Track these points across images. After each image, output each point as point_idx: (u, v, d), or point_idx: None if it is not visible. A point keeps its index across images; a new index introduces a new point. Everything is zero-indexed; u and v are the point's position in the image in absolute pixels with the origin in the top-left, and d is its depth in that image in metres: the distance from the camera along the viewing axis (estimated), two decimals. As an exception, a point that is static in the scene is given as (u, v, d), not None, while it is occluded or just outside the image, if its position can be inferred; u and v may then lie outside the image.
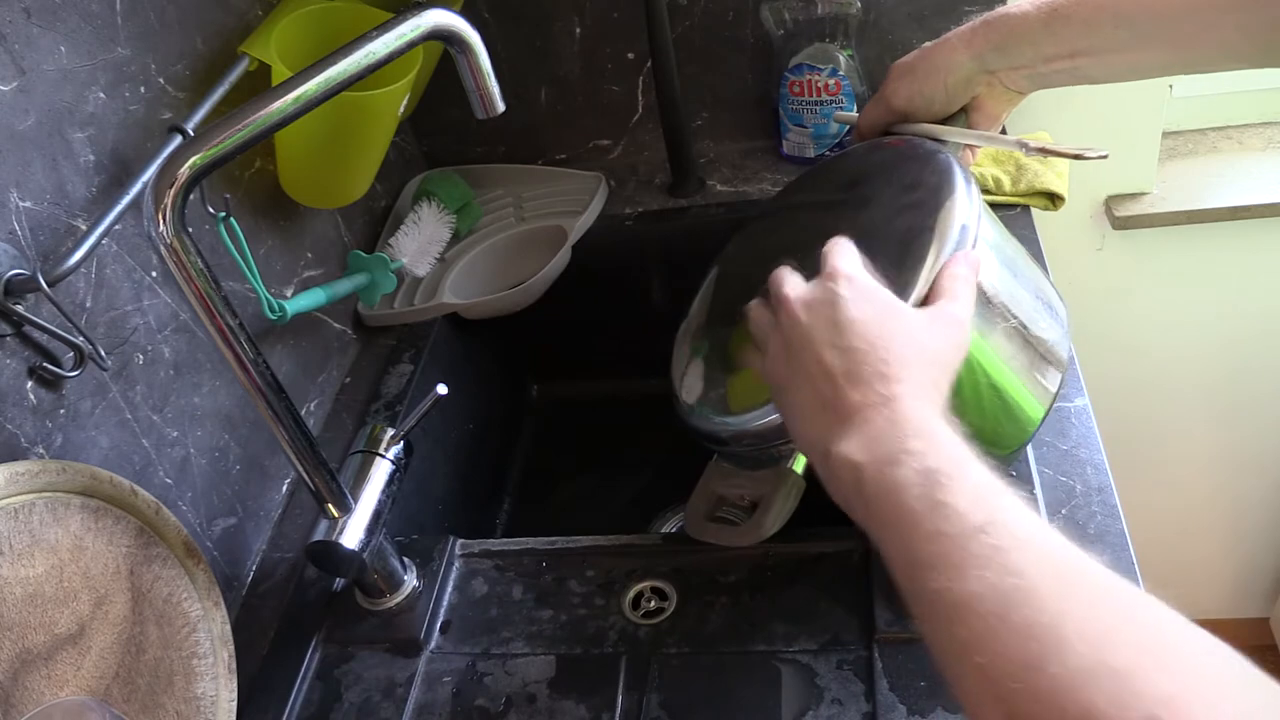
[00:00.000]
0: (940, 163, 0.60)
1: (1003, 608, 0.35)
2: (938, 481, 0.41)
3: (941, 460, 0.42)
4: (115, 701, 0.57)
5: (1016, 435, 0.60)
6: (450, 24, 0.56)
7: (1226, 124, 1.18)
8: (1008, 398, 0.58)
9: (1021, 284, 0.60)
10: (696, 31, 1.03)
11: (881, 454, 0.43)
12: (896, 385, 0.46)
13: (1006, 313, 0.58)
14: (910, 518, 0.41)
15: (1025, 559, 0.37)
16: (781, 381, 0.51)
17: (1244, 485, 1.46)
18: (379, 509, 0.67)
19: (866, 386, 0.46)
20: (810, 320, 0.50)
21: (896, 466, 0.42)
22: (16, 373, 0.59)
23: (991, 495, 0.40)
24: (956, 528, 0.39)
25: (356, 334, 0.98)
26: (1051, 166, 0.94)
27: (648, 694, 0.63)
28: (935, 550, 0.39)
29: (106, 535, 0.59)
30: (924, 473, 0.41)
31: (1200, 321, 1.26)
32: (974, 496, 0.40)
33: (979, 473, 0.42)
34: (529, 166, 1.12)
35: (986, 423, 0.59)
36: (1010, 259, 0.61)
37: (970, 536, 0.38)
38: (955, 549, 0.38)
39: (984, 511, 0.39)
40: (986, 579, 0.36)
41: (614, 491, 1.05)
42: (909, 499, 0.41)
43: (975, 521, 0.38)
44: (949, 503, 0.40)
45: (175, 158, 0.49)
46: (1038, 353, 0.59)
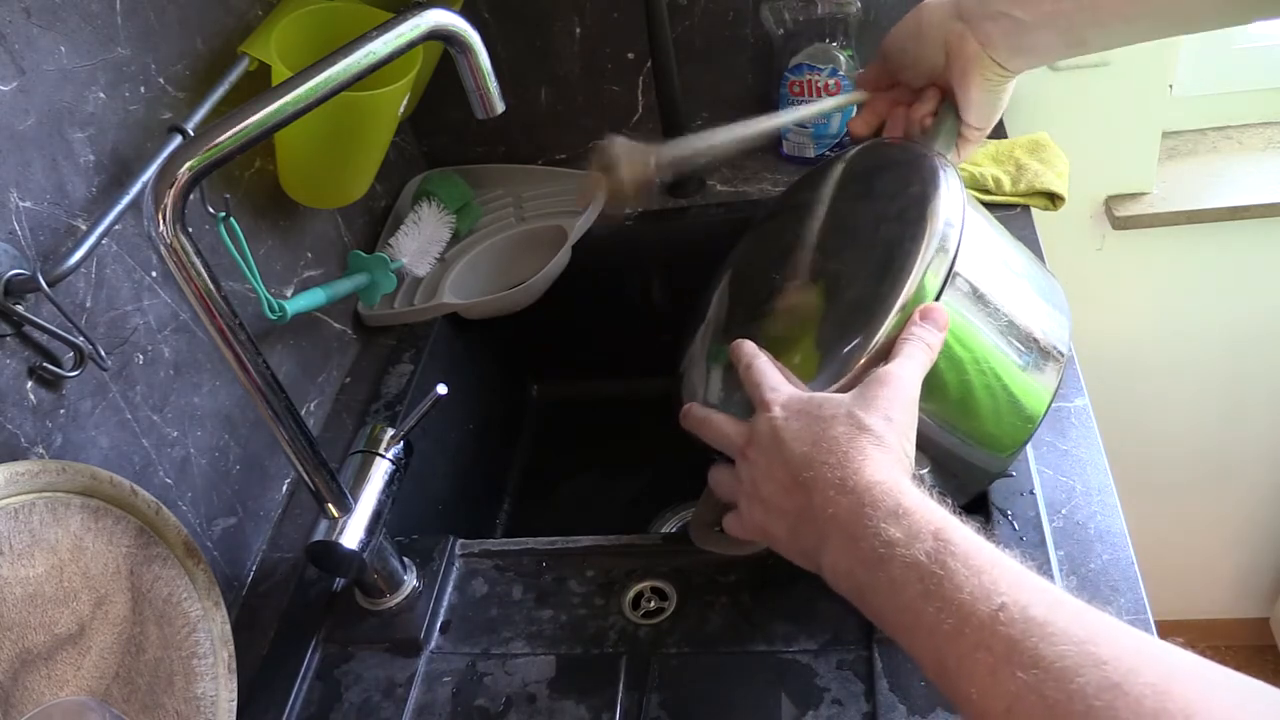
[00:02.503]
0: (927, 167, 0.60)
1: (1043, 707, 0.35)
2: (931, 573, 0.41)
3: (925, 542, 0.42)
4: (115, 701, 0.57)
5: (1017, 433, 0.60)
6: (450, 24, 0.56)
7: (1226, 124, 1.18)
8: (1006, 395, 0.58)
9: (1017, 281, 0.60)
10: (696, 31, 1.03)
11: (866, 554, 0.44)
12: (852, 476, 0.46)
13: (1001, 311, 0.58)
14: (921, 621, 0.41)
15: (1045, 645, 0.36)
16: (763, 525, 0.52)
17: (1244, 485, 1.46)
18: (379, 509, 0.67)
19: (825, 488, 0.47)
20: (757, 457, 0.52)
21: (885, 566, 0.42)
22: (16, 373, 0.59)
23: (986, 567, 0.40)
24: (971, 624, 0.38)
25: (356, 334, 0.98)
26: (1051, 166, 0.94)
27: (648, 694, 0.63)
28: (956, 654, 0.39)
29: (106, 535, 0.59)
30: (914, 566, 0.41)
31: (1200, 321, 1.26)
32: (973, 581, 0.40)
33: (964, 540, 0.42)
34: (529, 166, 1.12)
35: (986, 422, 0.59)
36: (1004, 256, 0.61)
37: (988, 630, 0.38)
38: (977, 649, 0.38)
39: (986, 593, 0.39)
40: (1019, 679, 0.36)
41: (614, 491, 1.05)
42: (911, 599, 0.41)
43: (986, 611, 0.38)
44: (950, 597, 0.40)
45: (175, 158, 0.49)
46: (1036, 347, 0.59)
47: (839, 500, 0.46)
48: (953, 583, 0.40)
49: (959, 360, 0.56)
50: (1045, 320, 0.60)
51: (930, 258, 0.55)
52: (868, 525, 0.44)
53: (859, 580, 0.44)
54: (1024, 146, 0.97)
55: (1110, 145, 1.11)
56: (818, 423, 0.49)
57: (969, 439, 0.59)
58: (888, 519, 0.43)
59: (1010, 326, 0.58)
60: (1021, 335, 0.59)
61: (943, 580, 0.40)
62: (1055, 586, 0.40)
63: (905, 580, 0.41)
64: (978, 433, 0.59)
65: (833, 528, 0.46)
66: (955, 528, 0.42)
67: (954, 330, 0.55)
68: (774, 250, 0.69)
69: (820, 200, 0.69)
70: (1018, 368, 0.58)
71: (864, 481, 0.45)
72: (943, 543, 0.41)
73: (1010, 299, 0.59)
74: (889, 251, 0.56)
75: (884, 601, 0.43)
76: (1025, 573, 0.40)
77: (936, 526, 0.42)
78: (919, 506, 0.44)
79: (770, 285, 0.65)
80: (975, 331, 0.57)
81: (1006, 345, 0.58)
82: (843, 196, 0.66)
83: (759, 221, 0.74)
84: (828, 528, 0.46)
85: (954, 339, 0.56)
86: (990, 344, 0.57)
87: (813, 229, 0.67)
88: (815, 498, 0.47)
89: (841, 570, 0.46)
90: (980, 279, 0.57)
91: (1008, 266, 0.60)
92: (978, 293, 0.57)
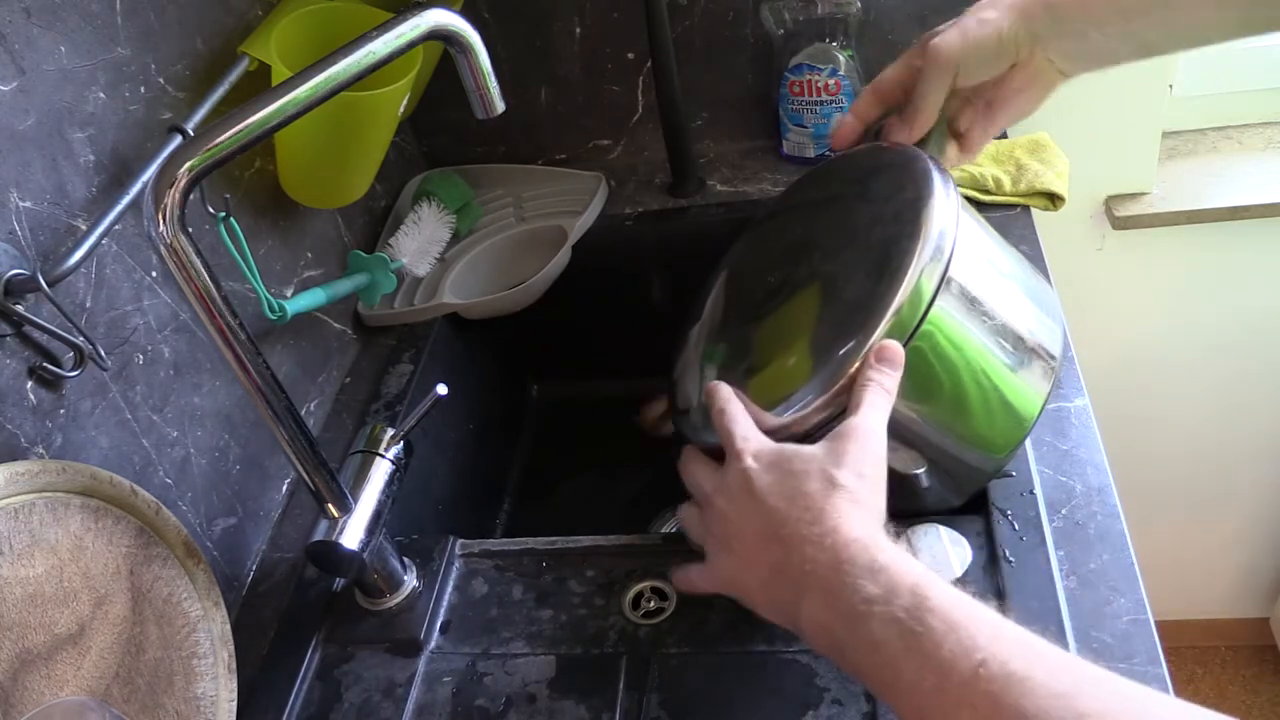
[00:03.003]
0: (919, 170, 0.60)
1: None
2: (910, 629, 0.41)
3: (903, 598, 0.42)
4: (115, 701, 0.57)
5: (1010, 435, 0.60)
6: (450, 24, 0.56)
7: (1226, 124, 1.18)
8: (999, 397, 0.58)
9: (1010, 284, 0.60)
10: (696, 31, 1.03)
11: (845, 611, 0.44)
12: (830, 534, 0.46)
13: (994, 314, 0.58)
14: (901, 678, 0.41)
15: (1027, 701, 0.37)
16: (732, 574, 0.52)
17: (1244, 485, 1.46)
18: (379, 509, 0.67)
19: (801, 544, 0.47)
20: (727, 506, 0.52)
21: (865, 623, 0.43)
22: (16, 373, 0.59)
23: (965, 622, 0.40)
24: (953, 681, 0.39)
25: (356, 334, 0.98)
26: (1051, 166, 0.94)
27: (648, 694, 0.63)
28: (940, 711, 0.39)
29: (106, 535, 0.59)
30: (893, 622, 0.42)
31: (1200, 321, 1.26)
32: (951, 638, 0.40)
33: (940, 595, 0.42)
34: (529, 166, 1.12)
35: (980, 424, 0.59)
36: (997, 260, 0.61)
37: (969, 687, 0.38)
38: (960, 708, 0.38)
39: (966, 649, 0.39)
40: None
41: (614, 491, 1.05)
42: (891, 656, 0.41)
43: (967, 668, 0.39)
44: (930, 654, 0.40)
45: (175, 158, 0.49)
46: (1028, 350, 0.60)
47: (817, 557, 0.46)
48: (932, 640, 0.40)
49: (952, 363, 0.56)
50: (1037, 324, 0.60)
51: (925, 261, 0.55)
52: (846, 581, 0.44)
53: (838, 636, 0.45)
54: (1024, 146, 0.97)
55: (1110, 145, 1.11)
56: (791, 478, 0.49)
57: (963, 440, 0.59)
58: (865, 575, 0.44)
59: (1003, 329, 0.58)
60: (1013, 338, 0.59)
61: (922, 637, 0.40)
62: (1033, 637, 0.40)
63: (885, 637, 0.42)
64: (971, 434, 0.59)
65: (811, 583, 0.46)
66: (932, 583, 0.43)
67: (947, 332, 0.55)
68: (771, 251, 0.69)
69: (817, 202, 0.69)
70: (1009, 370, 0.59)
71: (842, 539, 0.46)
72: (920, 598, 0.42)
73: (1003, 302, 0.59)
74: (885, 254, 0.56)
75: (863, 658, 0.43)
76: (1003, 624, 0.40)
77: (914, 582, 0.43)
78: (895, 561, 0.44)
79: (765, 286, 0.65)
80: (968, 334, 0.57)
81: (998, 348, 0.58)
82: (839, 198, 0.66)
83: (756, 222, 0.74)
84: (805, 583, 0.46)
85: (947, 341, 0.56)
86: (982, 346, 0.57)
87: (809, 230, 0.67)
88: (792, 554, 0.47)
89: (820, 624, 0.46)
90: (973, 282, 0.57)
91: (1000, 270, 0.61)
92: (970, 296, 0.57)
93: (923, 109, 0.61)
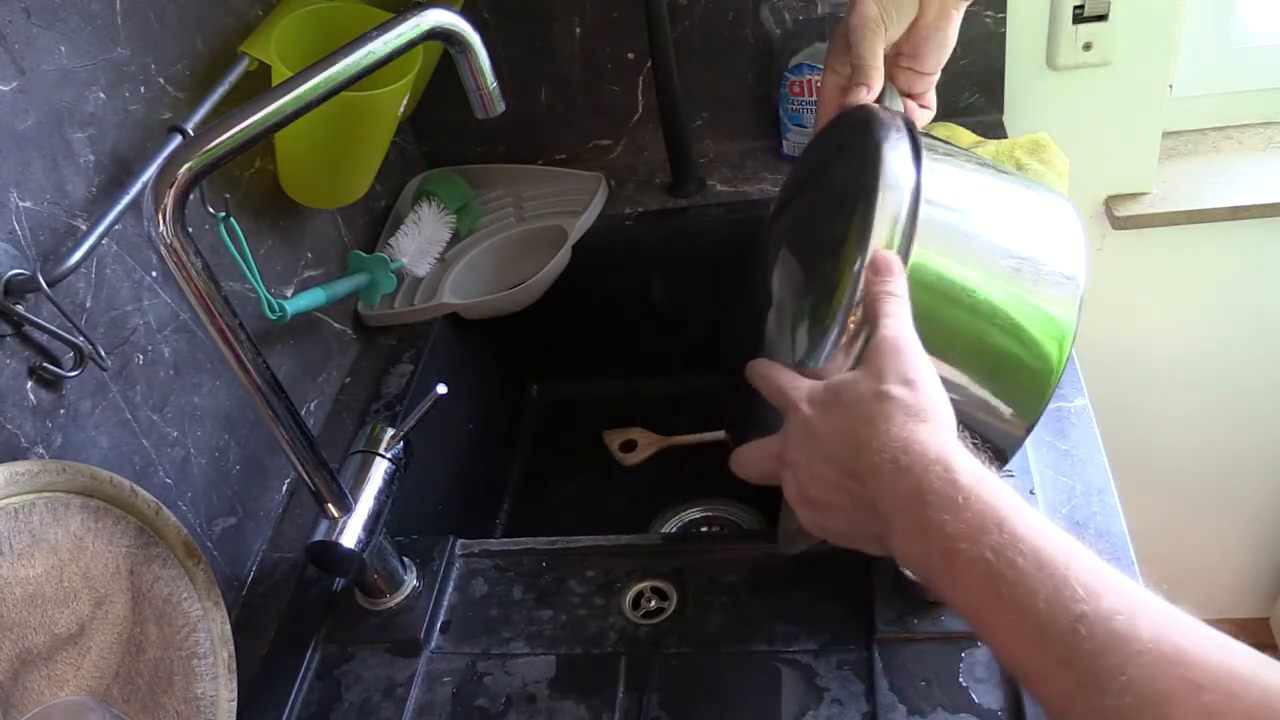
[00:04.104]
0: (869, 114, 0.60)
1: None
2: (1000, 574, 0.39)
3: (990, 535, 0.40)
4: (115, 701, 0.57)
5: (1038, 382, 0.56)
6: (450, 24, 0.56)
7: (1226, 124, 1.18)
8: (1017, 340, 0.55)
9: (995, 204, 0.58)
10: (696, 31, 1.03)
11: (932, 545, 0.42)
12: (902, 455, 0.44)
13: (983, 240, 0.56)
14: (997, 622, 0.39)
15: (1133, 666, 0.35)
16: (822, 522, 0.51)
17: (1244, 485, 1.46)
18: (379, 509, 0.67)
19: (875, 473, 0.45)
20: (796, 457, 0.50)
21: (952, 562, 0.41)
22: (16, 373, 0.59)
23: (1059, 566, 0.38)
24: (1050, 636, 0.37)
25: (356, 334, 0.98)
26: (1051, 166, 0.94)
27: (648, 694, 0.63)
28: (1037, 666, 0.38)
29: (106, 535, 0.59)
30: (980, 564, 0.39)
31: (1200, 321, 1.26)
32: (1047, 586, 0.37)
33: (1030, 532, 0.40)
34: (529, 166, 1.12)
35: (1006, 378, 0.56)
36: (977, 188, 0.59)
37: (1068, 645, 0.36)
38: (1059, 666, 0.37)
39: (1064, 601, 0.37)
40: (1108, 706, 0.35)
41: (614, 491, 1.05)
42: (983, 599, 0.39)
43: (1065, 624, 0.37)
44: (1025, 604, 0.38)
45: (175, 158, 0.49)
46: (1039, 279, 0.57)
47: (896, 485, 0.44)
48: (1026, 587, 0.38)
49: (953, 294, 0.55)
50: (1040, 243, 0.58)
51: (890, 188, 0.54)
52: (930, 515, 0.42)
53: (929, 568, 0.42)
54: (1024, 147, 0.97)
55: (1110, 145, 1.10)
56: (845, 409, 0.48)
57: (994, 388, 0.56)
58: (948, 507, 0.41)
59: (999, 255, 0.56)
60: (1013, 258, 0.56)
61: (1015, 585, 0.38)
62: (1130, 582, 0.38)
63: (973, 580, 0.40)
64: (1001, 394, 0.56)
65: (895, 516, 0.44)
66: (1019, 515, 0.40)
67: (935, 263, 0.54)
68: (786, 234, 0.69)
69: (810, 178, 0.69)
70: (1021, 290, 0.56)
71: (919, 461, 0.43)
72: (1009, 536, 0.39)
73: (992, 227, 0.57)
74: (856, 195, 0.56)
75: (954, 596, 0.41)
76: (1099, 567, 0.38)
77: (1000, 516, 0.40)
78: (977, 485, 0.42)
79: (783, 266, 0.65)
80: (957, 259, 0.55)
81: (998, 270, 0.56)
82: (825, 167, 0.67)
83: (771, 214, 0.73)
84: (890, 515, 0.44)
85: (939, 271, 0.54)
86: (980, 269, 0.55)
87: (811, 203, 0.67)
88: (869, 485, 0.45)
89: (911, 557, 0.44)
90: (950, 205, 0.56)
91: (983, 197, 0.58)
92: (950, 221, 0.55)
93: (868, 66, 0.64)
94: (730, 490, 0.99)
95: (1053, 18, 1.01)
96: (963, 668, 0.59)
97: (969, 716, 0.57)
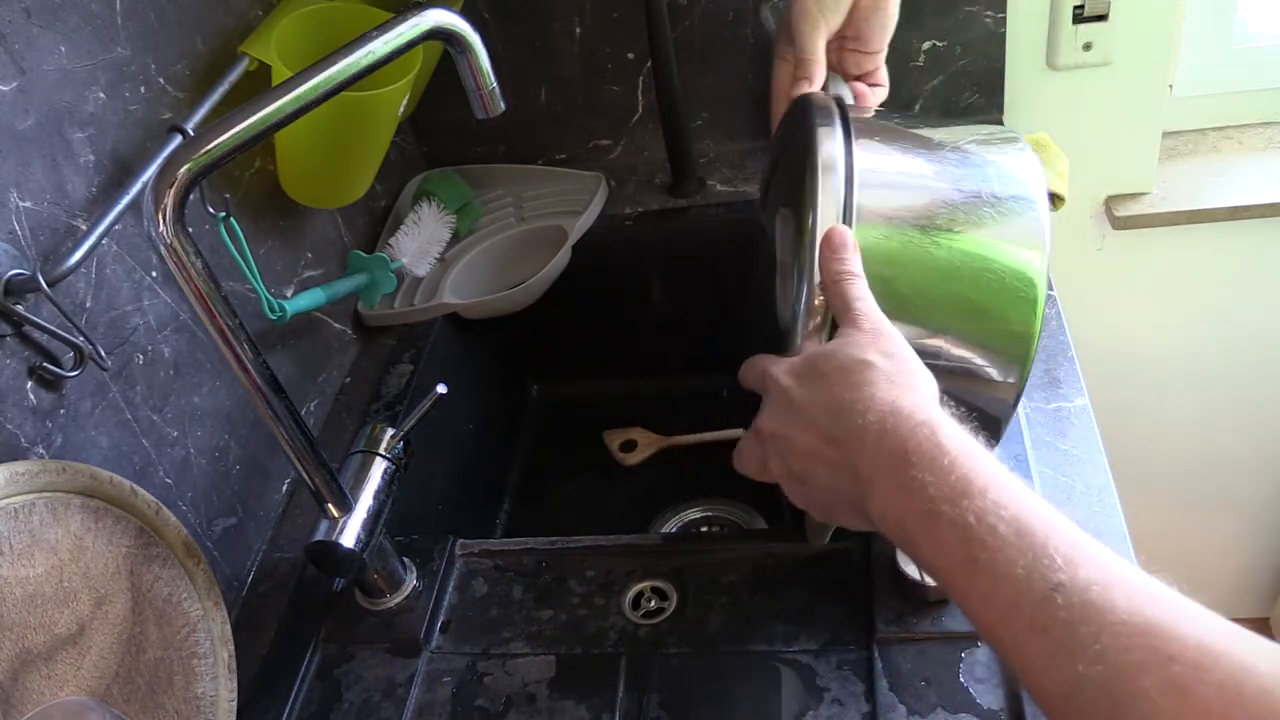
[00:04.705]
0: (805, 102, 0.61)
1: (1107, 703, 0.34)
2: (980, 540, 0.39)
3: (973, 499, 0.40)
4: (115, 701, 0.57)
5: (1021, 318, 0.55)
6: (450, 24, 0.56)
7: (1226, 124, 1.18)
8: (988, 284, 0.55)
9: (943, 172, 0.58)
10: (696, 31, 1.03)
11: (915, 506, 0.42)
12: (884, 410, 0.45)
13: (936, 209, 0.56)
14: (973, 588, 0.39)
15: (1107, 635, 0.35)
16: (803, 492, 0.51)
17: (1244, 485, 1.46)
18: (379, 509, 0.67)
19: (859, 436, 0.45)
20: (776, 428, 0.50)
21: (934, 525, 0.41)
22: (16, 373, 0.59)
23: (1039, 535, 0.38)
24: (1025, 603, 0.37)
25: (356, 334, 0.98)
26: (1051, 166, 0.94)
27: (648, 694, 0.63)
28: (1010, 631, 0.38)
29: (106, 535, 0.59)
30: (962, 529, 0.39)
31: (1200, 321, 1.26)
32: (1026, 554, 0.38)
33: (1013, 501, 0.40)
34: (529, 166, 1.12)
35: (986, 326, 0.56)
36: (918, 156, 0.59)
37: (1042, 611, 0.36)
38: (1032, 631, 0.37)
39: (1041, 570, 0.37)
40: (1079, 672, 0.35)
41: (614, 491, 1.05)
42: (961, 563, 0.39)
43: (1041, 591, 0.37)
44: (1003, 571, 0.38)
45: (175, 158, 0.49)
46: (1001, 214, 0.56)
47: (880, 445, 0.44)
48: (1005, 555, 0.38)
49: (909, 254, 0.55)
50: (991, 179, 0.57)
51: (825, 191, 0.54)
52: (914, 475, 0.42)
53: (909, 531, 0.42)
54: (1024, 146, 0.97)
55: (1110, 145, 1.10)
56: (825, 379, 0.48)
57: (979, 341, 0.56)
58: (932, 468, 0.41)
59: (948, 207, 0.56)
60: (965, 209, 0.56)
61: (995, 552, 0.38)
62: (1110, 554, 0.38)
63: (952, 543, 0.40)
64: (985, 328, 0.56)
65: (876, 477, 0.44)
66: (1003, 482, 0.40)
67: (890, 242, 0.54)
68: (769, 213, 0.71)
69: (775, 161, 0.71)
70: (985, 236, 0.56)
71: (905, 422, 0.43)
72: (991, 502, 0.39)
73: (936, 183, 0.57)
74: (800, 197, 0.57)
75: (932, 559, 0.41)
76: (1079, 538, 0.38)
77: (985, 482, 0.40)
78: (964, 452, 0.42)
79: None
80: (909, 234, 0.55)
81: (958, 225, 0.55)
82: (781, 156, 0.68)
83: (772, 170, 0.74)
84: (872, 476, 0.44)
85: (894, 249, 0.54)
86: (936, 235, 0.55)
87: (777, 190, 0.68)
88: (851, 449, 0.45)
89: (891, 520, 0.44)
90: (887, 186, 0.56)
91: (921, 159, 0.59)
92: (890, 195, 0.56)
93: (808, 59, 0.66)
94: (730, 490, 0.99)
95: (1053, 18, 1.01)
96: (963, 668, 0.59)
97: (969, 716, 0.57)
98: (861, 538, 0.67)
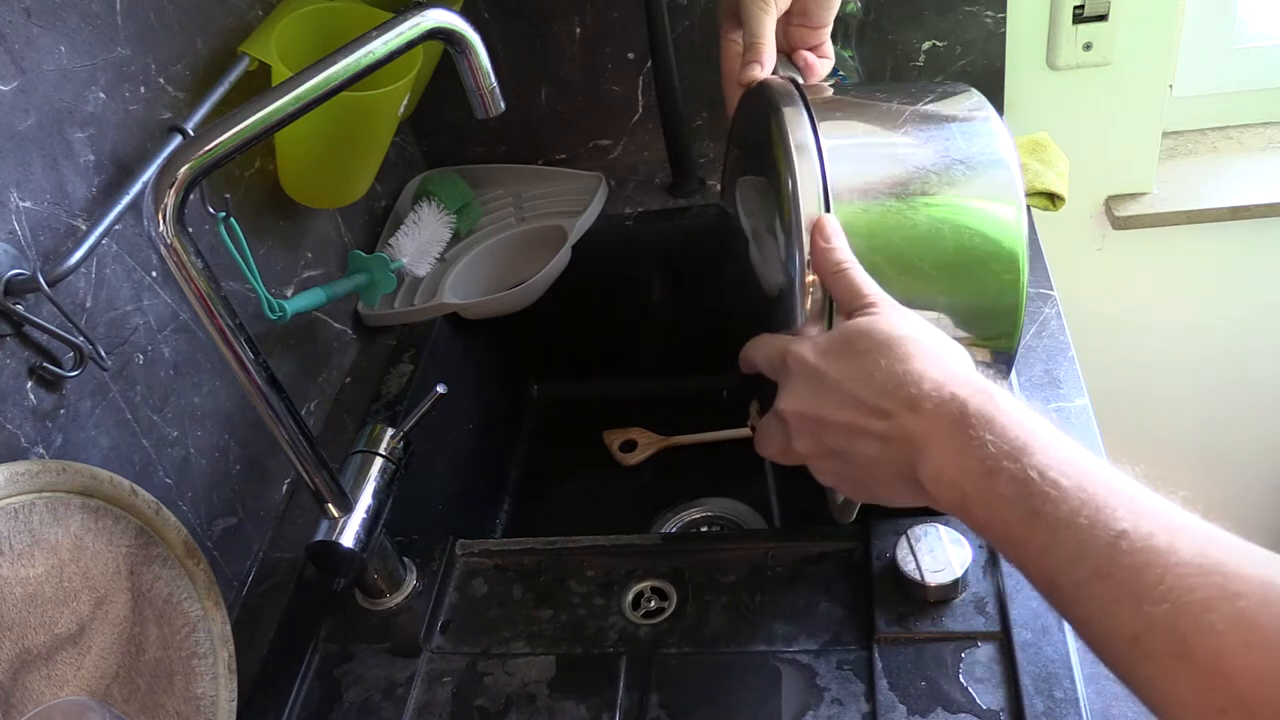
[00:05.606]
0: (764, 88, 0.60)
1: (1174, 640, 0.34)
2: (1044, 492, 0.39)
3: (1033, 456, 0.40)
4: (115, 701, 0.57)
5: (1009, 268, 0.55)
6: (450, 24, 0.56)
7: (1226, 124, 1.18)
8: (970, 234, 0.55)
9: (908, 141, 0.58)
10: (696, 31, 1.03)
11: (973, 464, 0.42)
12: (938, 379, 0.45)
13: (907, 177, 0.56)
14: (1032, 540, 0.39)
15: (1172, 577, 0.35)
16: (841, 469, 0.50)
17: (1244, 485, 1.46)
18: (379, 509, 0.67)
19: (912, 405, 0.45)
20: (804, 407, 0.49)
21: (993, 479, 0.41)
22: (16, 373, 0.59)
23: (1101, 489, 0.38)
24: (1089, 551, 0.37)
25: (356, 334, 0.98)
26: (1051, 166, 0.94)
27: (648, 694, 0.63)
28: (1072, 579, 0.38)
29: (106, 535, 0.59)
30: (1024, 483, 0.40)
31: (1200, 321, 1.26)
32: (1090, 505, 0.38)
33: (1074, 458, 0.40)
34: (529, 166, 1.12)
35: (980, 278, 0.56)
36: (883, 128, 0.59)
37: (1106, 558, 0.37)
38: (1095, 578, 0.37)
39: (1105, 519, 0.37)
40: (1146, 612, 0.35)
41: (614, 491, 1.05)
42: (1021, 516, 0.40)
43: (1105, 539, 0.37)
44: (1067, 520, 0.38)
45: (175, 158, 0.49)
46: (972, 173, 0.56)
47: (939, 411, 0.44)
48: (1068, 505, 0.38)
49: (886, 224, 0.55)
50: (957, 143, 0.57)
51: (798, 149, 0.54)
52: (973, 435, 0.42)
53: (964, 490, 0.42)
54: (1024, 146, 0.97)
55: (1110, 145, 1.11)
56: (866, 352, 0.47)
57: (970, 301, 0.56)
58: (991, 428, 0.42)
59: (919, 174, 0.56)
60: (938, 174, 0.56)
61: (1058, 503, 0.39)
62: (1171, 505, 0.38)
63: (1014, 497, 0.40)
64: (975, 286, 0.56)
65: (933, 440, 0.44)
66: (1061, 442, 0.41)
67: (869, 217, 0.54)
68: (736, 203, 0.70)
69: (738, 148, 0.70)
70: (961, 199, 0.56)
71: (962, 388, 0.44)
72: (1053, 459, 0.40)
73: (903, 152, 0.57)
74: (773, 168, 0.56)
75: (991, 514, 0.41)
76: (1141, 491, 0.39)
77: (1045, 440, 0.41)
78: (1018, 411, 0.42)
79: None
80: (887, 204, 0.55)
81: (932, 190, 0.55)
82: (743, 142, 0.67)
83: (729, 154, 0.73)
84: (928, 440, 0.44)
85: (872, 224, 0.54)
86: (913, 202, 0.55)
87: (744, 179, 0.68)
88: (904, 419, 0.45)
89: (946, 480, 0.43)
90: (855, 161, 0.56)
91: (886, 130, 0.59)
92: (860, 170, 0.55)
93: (758, 44, 0.65)
94: (730, 490, 0.99)
95: (1053, 18, 1.01)
96: (963, 668, 0.59)
97: (969, 716, 0.57)
98: (862, 538, 0.67)
